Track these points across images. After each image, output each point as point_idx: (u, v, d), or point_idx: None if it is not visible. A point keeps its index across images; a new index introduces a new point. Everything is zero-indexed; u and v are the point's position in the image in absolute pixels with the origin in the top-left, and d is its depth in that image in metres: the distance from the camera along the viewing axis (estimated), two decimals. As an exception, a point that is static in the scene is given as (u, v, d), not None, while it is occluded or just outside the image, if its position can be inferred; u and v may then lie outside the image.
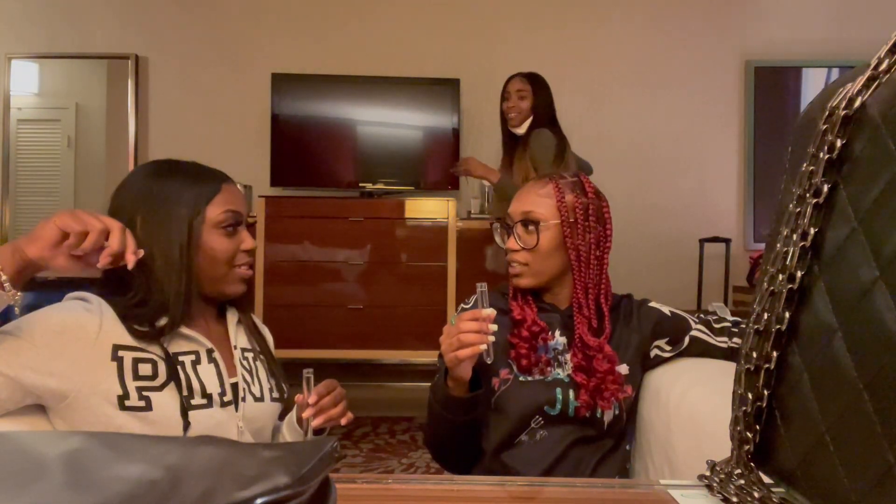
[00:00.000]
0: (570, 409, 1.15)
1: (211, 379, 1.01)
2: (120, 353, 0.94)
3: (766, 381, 0.54)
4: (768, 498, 0.53)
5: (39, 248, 0.81)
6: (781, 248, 0.53)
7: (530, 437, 1.16)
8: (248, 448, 0.41)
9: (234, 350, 1.08)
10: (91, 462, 0.38)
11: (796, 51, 3.75)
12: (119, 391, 0.92)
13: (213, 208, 1.03)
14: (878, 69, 0.47)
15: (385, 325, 3.13)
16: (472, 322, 1.02)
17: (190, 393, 0.97)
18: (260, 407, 1.07)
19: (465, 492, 0.64)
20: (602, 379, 1.15)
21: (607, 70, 3.75)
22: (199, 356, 1.01)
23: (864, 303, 0.45)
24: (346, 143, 3.47)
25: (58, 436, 0.44)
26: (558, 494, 0.65)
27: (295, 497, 0.34)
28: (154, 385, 0.94)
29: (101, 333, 0.93)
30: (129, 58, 3.67)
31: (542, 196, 1.24)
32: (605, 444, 1.17)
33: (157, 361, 0.96)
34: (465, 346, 1.02)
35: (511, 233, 1.25)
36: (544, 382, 1.16)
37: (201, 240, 1.02)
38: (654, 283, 3.58)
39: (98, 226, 0.82)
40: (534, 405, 1.15)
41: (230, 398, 1.02)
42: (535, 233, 1.22)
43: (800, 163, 0.53)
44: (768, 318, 0.54)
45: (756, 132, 3.73)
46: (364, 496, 0.61)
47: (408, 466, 2.65)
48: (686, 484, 0.64)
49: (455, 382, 1.10)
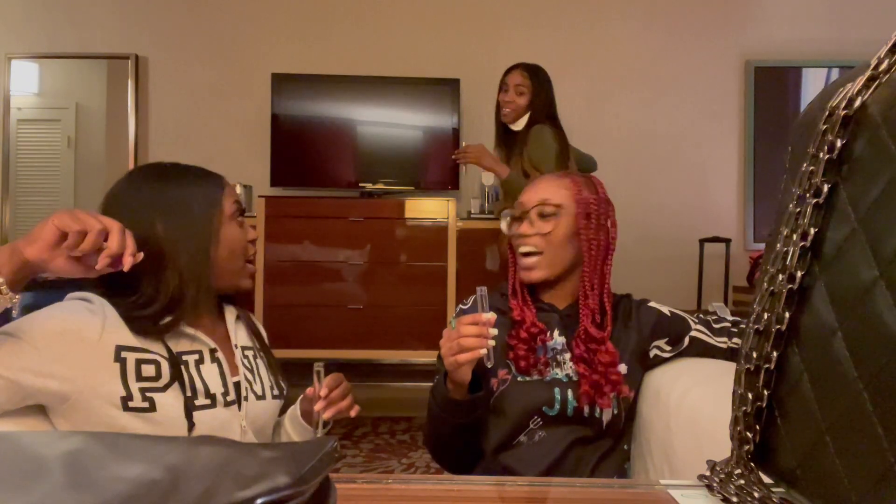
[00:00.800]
0: (568, 408, 1.15)
1: (214, 379, 1.01)
2: (123, 354, 0.93)
3: (766, 381, 0.54)
4: (768, 498, 0.53)
5: (38, 249, 0.80)
6: (781, 248, 0.53)
7: (529, 438, 1.16)
8: (248, 448, 0.41)
9: (235, 349, 1.08)
10: (91, 462, 0.38)
11: (796, 51, 3.75)
12: (122, 392, 0.91)
13: (226, 202, 1.06)
14: (878, 69, 0.47)
15: (385, 325, 3.13)
16: (472, 326, 1.02)
17: (193, 393, 0.97)
18: (262, 405, 1.07)
19: (465, 492, 0.64)
20: (603, 373, 1.15)
21: (607, 70, 3.75)
22: (202, 356, 1.01)
23: (864, 303, 0.45)
24: (346, 143, 3.47)
25: (58, 436, 0.44)
26: (558, 494, 0.65)
27: (295, 497, 0.34)
28: (157, 386, 0.94)
29: (103, 334, 0.92)
30: (129, 58, 3.67)
31: (559, 186, 1.25)
32: (604, 444, 1.18)
33: (161, 362, 0.96)
34: (465, 351, 1.02)
35: (523, 220, 1.25)
36: (543, 382, 1.16)
37: (221, 233, 1.04)
38: (654, 283, 3.58)
39: (97, 226, 0.81)
40: (532, 405, 1.15)
41: (233, 397, 1.02)
42: (553, 219, 1.22)
43: (800, 163, 0.53)
44: (768, 318, 0.54)
45: (756, 132, 3.73)
46: (364, 496, 0.61)
47: (408, 466, 2.65)
48: (686, 484, 0.64)
49: (455, 385, 1.10)
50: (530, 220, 1.24)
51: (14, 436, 0.44)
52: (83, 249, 0.81)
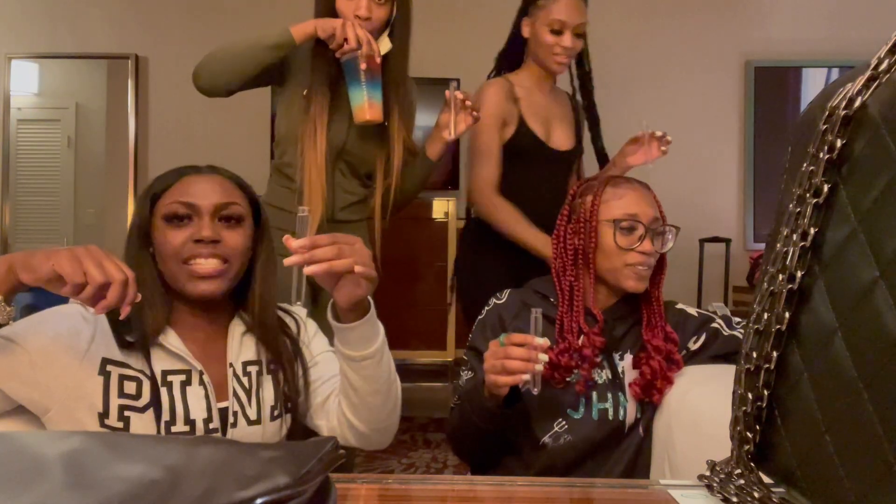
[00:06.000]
0: (593, 411, 1.14)
1: (198, 403, 0.95)
2: (108, 367, 0.92)
3: (766, 381, 0.54)
4: (768, 498, 0.53)
5: (33, 280, 0.79)
6: (781, 248, 0.53)
7: (554, 441, 1.15)
8: (248, 448, 0.41)
9: (230, 369, 1.00)
10: (91, 462, 0.38)
11: (796, 51, 3.74)
12: (100, 408, 0.90)
13: (163, 199, 0.98)
14: (878, 69, 0.47)
15: (385, 324, 3.12)
16: (520, 349, 0.98)
17: (172, 418, 0.93)
18: (254, 431, 0.99)
19: (465, 492, 0.64)
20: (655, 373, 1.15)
21: (607, 70, 3.74)
22: (189, 377, 0.96)
23: (864, 303, 0.45)
24: (346, 143, 3.47)
25: (58, 436, 0.44)
26: (558, 494, 0.65)
27: (295, 497, 0.34)
28: (136, 405, 0.92)
29: (92, 345, 0.92)
30: (129, 58, 3.67)
31: (654, 200, 1.23)
32: (628, 446, 1.18)
33: (143, 381, 0.93)
34: (509, 373, 0.99)
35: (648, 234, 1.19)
36: (568, 384, 1.16)
37: (153, 235, 0.98)
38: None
39: (98, 280, 0.77)
40: (558, 408, 1.15)
41: (216, 425, 0.96)
42: (669, 238, 1.21)
43: (800, 163, 0.53)
44: (768, 318, 0.54)
45: (756, 132, 3.73)
46: (364, 496, 0.61)
47: (408, 466, 2.65)
48: (686, 484, 0.64)
49: (491, 393, 1.08)
50: (651, 237, 1.19)
51: (14, 436, 0.44)
52: (80, 300, 0.79)
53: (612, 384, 1.17)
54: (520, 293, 1.26)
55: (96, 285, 0.77)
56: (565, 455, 1.15)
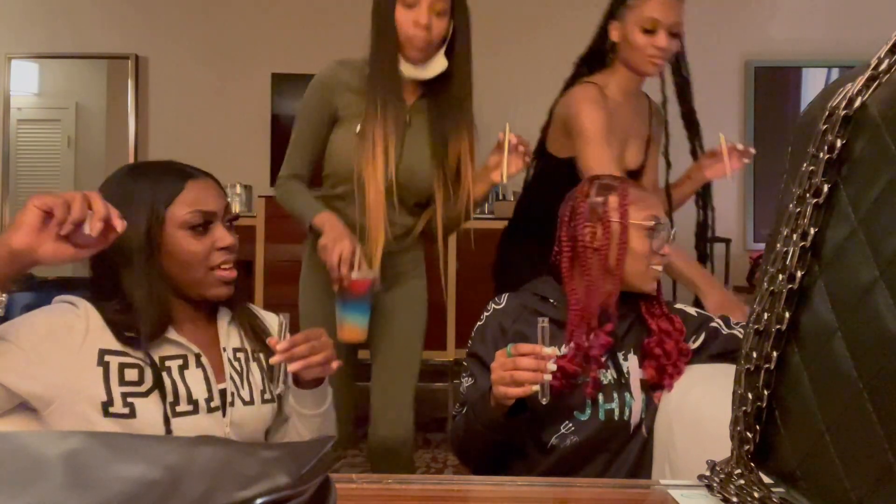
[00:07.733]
0: (600, 412, 1.14)
1: (198, 384, 0.99)
2: (106, 357, 0.93)
3: (766, 381, 0.54)
4: (768, 498, 0.54)
5: (23, 235, 0.78)
6: (781, 248, 0.53)
7: (560, 442, 1.15)
8: (248, 448, 0.41)
9: (224, 353, 1.05)
10: (91, 462, 0.38)
11: (796, 51, 3.74)
12: (104, 397, 0.91)
13: (177, 208, 0.98)
14: (878, 69, 0.47)
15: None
16: (529, 359, 0.98)
17: (176, 399, 0.96)
18: (250, 411, 1.04)
19: (465, 492, 0.64)
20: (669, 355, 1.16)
21: (607, 70, 3.75)
22: (186, 361, 0.99)
23: (864, 303, 0.45)
24: (346, 143, 3.47)
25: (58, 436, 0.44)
26: (558, 494, 0.65)
27: (295, 497, 0.34)
28: (139, 391, 0.94)
29: (87, 337, 0.93)
30: (129, 58, 3.67)
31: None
32: (633, 446, 1.18)
33: (144, 367, 0.95)
34: (517, 384, 0.98)
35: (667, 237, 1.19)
36: (575, 385, 1.15)
37: (166, 243, 0.98)
38: (654, 283, 3.57)
39: (78, 195, 0.80)
40: (564, 410, 1.15)
41: (217, 403, 1.00)
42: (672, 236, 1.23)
43: (800, 163, 0.53)
44: (768, 318, 0.54)
45: (756, 132, 3.73)
46: (364, 496, 0.61)
47: (408, 466, 2.65)
48: (686, 484, 0.64)
49: (497, 402, 1.07)
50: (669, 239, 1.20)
51: (14, 436, 0.44)
52: (74, 218, 0.78)
53: (617, 384, 1.17)
54: (518, 296, 1.25)
55: (80, 198, 0.79)
56: (571, 456, 1.14)
